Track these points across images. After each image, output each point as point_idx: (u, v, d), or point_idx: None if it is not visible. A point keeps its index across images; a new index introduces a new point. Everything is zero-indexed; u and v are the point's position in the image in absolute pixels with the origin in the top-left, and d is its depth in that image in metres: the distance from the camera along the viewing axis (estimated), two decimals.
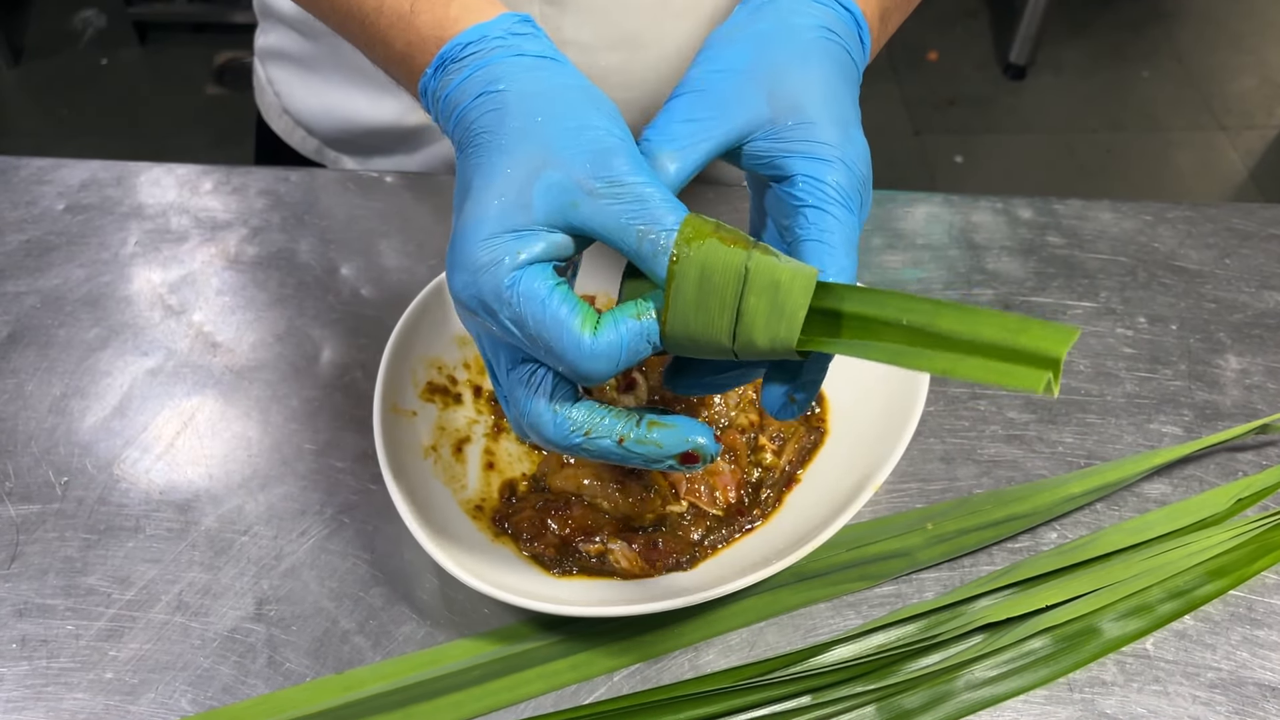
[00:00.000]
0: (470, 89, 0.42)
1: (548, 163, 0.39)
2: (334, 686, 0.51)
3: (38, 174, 0.75)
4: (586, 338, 0.38)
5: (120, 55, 2.32)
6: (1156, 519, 0.58)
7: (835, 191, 0.42)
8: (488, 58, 0.42)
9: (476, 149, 0.41)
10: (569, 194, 0.38)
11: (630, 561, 0.53)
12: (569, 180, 0.38)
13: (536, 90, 0.41)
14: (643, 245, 0.38)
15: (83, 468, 0.59)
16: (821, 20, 0.46)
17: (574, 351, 0.38)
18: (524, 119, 0.40)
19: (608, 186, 0.38)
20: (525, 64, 0.42)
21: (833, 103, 0.44)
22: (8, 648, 0.52)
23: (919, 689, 0.51)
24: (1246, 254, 0.73)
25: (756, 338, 0.38)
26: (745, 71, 0.43)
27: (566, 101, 0.41)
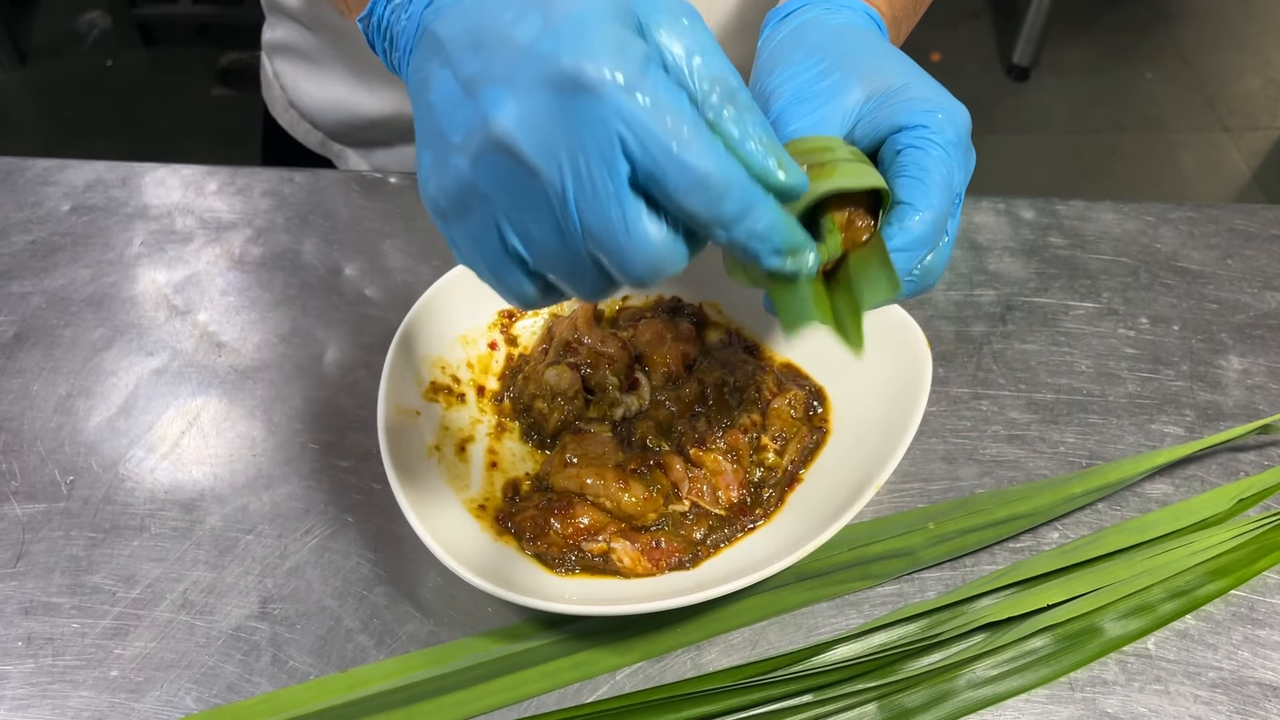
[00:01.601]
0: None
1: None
2: (338, 685, 0.51)
3: (43, 175, 0.76)
4: (719, 145, 0.33)
5: (125, 57, 2.33)
6: (1158, 519, 0.58)
7: (937, 135, 0.42)
8: None
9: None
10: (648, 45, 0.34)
11: (633, 560, 0.53)
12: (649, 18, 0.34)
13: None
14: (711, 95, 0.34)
15: (88, 467, 0.60)
16: (854, 20, 0.48)
17: (710, 155, 0.33)
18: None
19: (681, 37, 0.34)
20: None
21: (915, 71, 0.45)
22: (14, 646, 0.52)
23: (920, 688, 0.51)
24: (1249, 255, 0.73)
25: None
26: (826, 69, 0.45)
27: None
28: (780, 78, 0.46)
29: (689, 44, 0.34)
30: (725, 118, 0.34)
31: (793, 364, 0.62)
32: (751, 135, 0.34)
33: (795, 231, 0.36)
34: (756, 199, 0.34)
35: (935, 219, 0.42)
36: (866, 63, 0.45)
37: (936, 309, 0.69)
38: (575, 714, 0.50)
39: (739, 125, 0.34)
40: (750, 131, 0.34)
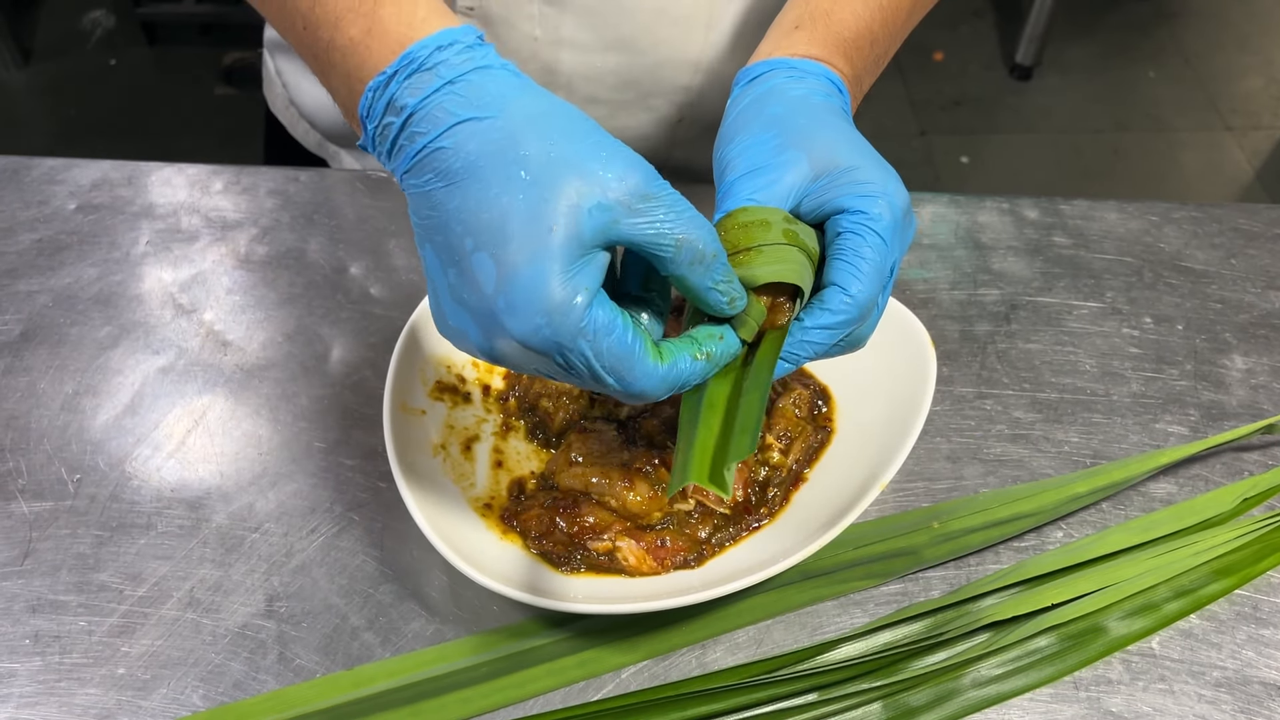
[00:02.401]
0: (451, 108, 0.39)
1: (584, 184, 0.38)
2: (343, 683, 0.51)
3: (49, 174, 0.76)
4: (656, 367, 0.40)
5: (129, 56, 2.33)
6: (1162, 518, 0.58)
7: (876, 222, 0.45)
8: (459, 70, 0.40)
9: (490, 179, 0.38)
10: (610, 213, 0.38)
11: (638, 559, 0.53)
12: (607, 199, 0.38)
13: (538, 111, 0.40)
14: (680, 254, 0.40)
15: (95, 465, 0.60)
16: (816, 89, 0.50)
17: (645, 379, 0.40)
18: (541, 144, 0.39)
19: (642, 201, 0.39)
20: (506, 80, 0.40)
21: (864, 151, 0.47)
22: (21, 644, 0.52)
23: (925, 687, 0.51)
24: (1252, 254, 0.73)
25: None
26: (781, 145, 0.47)
27: (571, 119, 0.40)
28: (737, 149, 0.48)
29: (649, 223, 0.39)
30: (692, 273, 0.41)
31: None
32: (715, 280, 0.42)
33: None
34: (690, 376, 0.42)
35: (863, 303, 0.45)
36: (819, 140, 0.47)
37: (941, 308, 0.69)
38: (580, 712, 0.50)
39: (703, 278, 0.41)
40: (715, 279, 0.42)
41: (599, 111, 0.74)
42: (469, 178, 0.39)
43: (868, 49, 0.55)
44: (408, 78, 0.40)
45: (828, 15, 0.53)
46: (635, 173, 0.39)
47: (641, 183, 0.39)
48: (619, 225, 0.39)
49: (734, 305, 0.43)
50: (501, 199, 0.38)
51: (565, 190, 0.38)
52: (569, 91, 0.72)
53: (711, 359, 0.43)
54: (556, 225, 0.38)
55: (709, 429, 0.43)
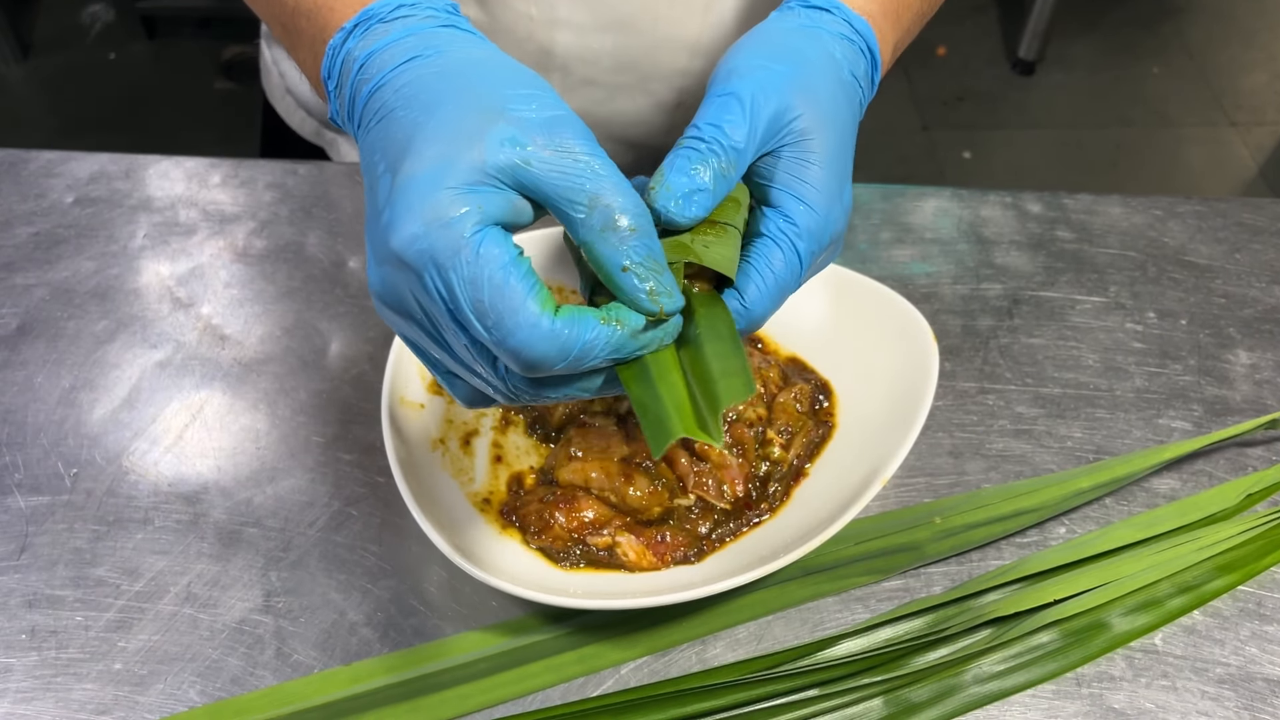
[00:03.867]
0: (399, 53, 0.39)
1: (501, 118, 0.36)
2: (342, 678, 0.51)
3: (47, 167, 0.75)
4: (545, 318, 0.36)
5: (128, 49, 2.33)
6: (1165, 514, 0.58)
7: (795, 236, 0.42)
8: (421, 24, 0.39)
9: (412, 108, 0.37)
10: (522, 149, 0.36)
11: (638, 554, 0.53)
12: (523, 137, 0.36)
13: (480, 58, 0.39)
14: (592, 215, 0.36)
15: (92, 459, 0.59)
16: (850, 64, 0.46)
17: (527, 330, 0.35)
18: (470, 81, 0.38)
19: (560, 147, 0.36)
20: (462, 36, 0.40)
21: (839, 155, 0.43)
22: (17, 638, 0.52)
23: (926, 683, 0.51)
24: (1257, 249, 0.73)
25: None
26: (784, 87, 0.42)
27: (513, 70, 0.39)
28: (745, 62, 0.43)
29: (562, 172, 0.36)
30: (603, 241, 0.36)
31: (798, 358, 0.62)
32: (631, 260, 0.37)
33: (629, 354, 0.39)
34: (592, 344, 0.37)
35: (755, 318, 0.42)
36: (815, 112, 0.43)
37: (943, 303, 0.68)
38: (580, 708, 0.50)
39: (615, 250, 0.37)
40: (631, 258, 0.37)
41: (596, 94, 0.73)
42: (396, 108, 0.38)
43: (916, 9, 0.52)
44: (365, 31, 0.40)
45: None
46: (564, 125, 0.37)
47: (567, 135, 0.37)
48: (530, 167, 0.36)
49: (655, 301, 0.37)
50: (413, 122, 0.37)
51: (479, 118, 0.36)
52: (565, 73, 0.71)
53: (625, 326, 0.37)
54: (459, 144, 0.36)
55: (672, 386, 0.38)
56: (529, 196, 0.37)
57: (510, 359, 0.36)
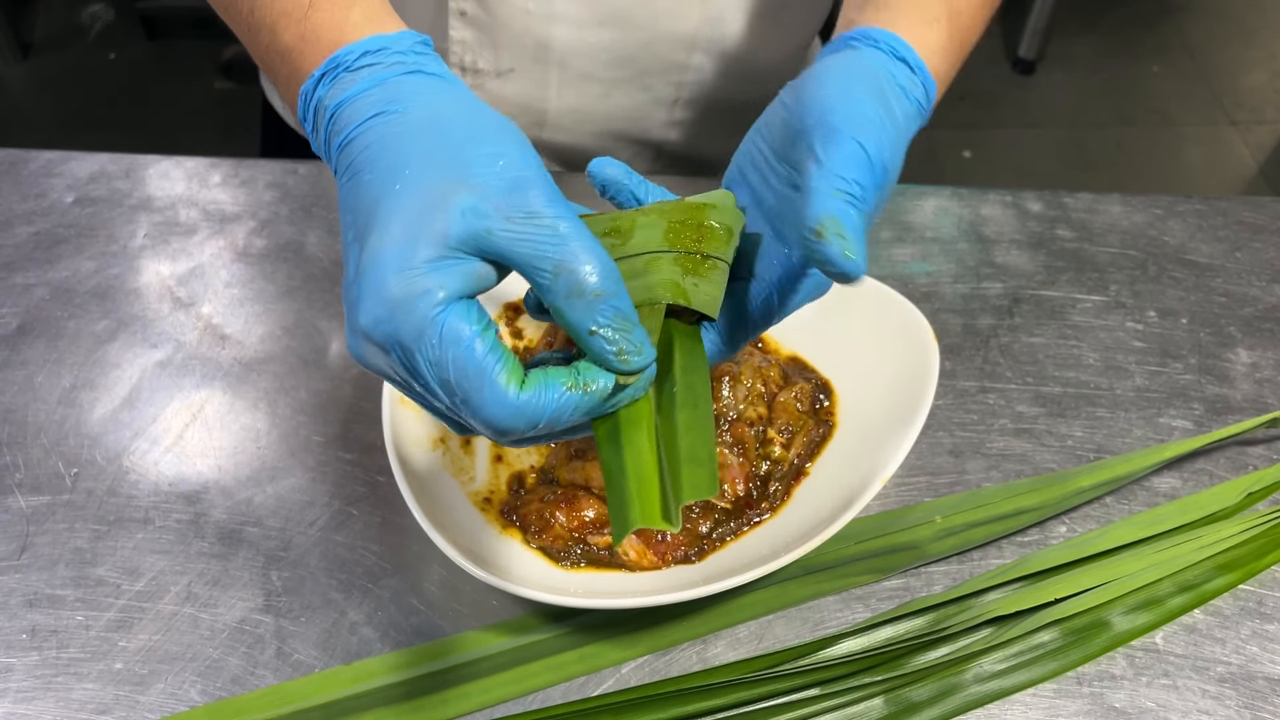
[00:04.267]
0: (365, 107, 0.39)
1: (463, 186, 0.36)
2: (342, 678, 0.51)
3: (47, 166, 0.75)
4: (511, 392, 0.36)
5: (128, 50, 2.33)
6: (1166, 513, 0.58)
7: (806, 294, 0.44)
8: (386, 73, 0.39)
9: (377, 171, 0.38)
10: (485, 219, 0.36)
11: (638, 554, 0.53)
12: (485, 206, 0.36)
13: (444, 112, 0.38)
14: (557, 282, 0.36)
15: (92, 459, 0.59)
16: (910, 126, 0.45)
17: (494, 406, 0.35)
18: (433, 141, 0.37)
19: (525, 217, 0.36)
20: (429, 83, 0.39)
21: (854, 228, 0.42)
22: (18, 638, 0.52)
23: (927, 682, 0.51)
24: (1257, 248, 0.73)
25: None
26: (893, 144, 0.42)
27: (478, 125, 0.38)
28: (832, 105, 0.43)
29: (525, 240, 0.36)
30: (569, 307, 0.36)
31: (799, 357, 0.62)
32: (598, 324, 0.37)
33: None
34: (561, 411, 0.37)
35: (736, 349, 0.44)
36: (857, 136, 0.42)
37: (944, 302, 0.68)
38: (581, 708, 0.50)
39: (583, 315, 0.36)
40: (599, 321, 0.37)
41: (594, 89, 0.73)
42: (363, 169, 0.38)
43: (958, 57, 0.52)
44: (334, 80, 0.40)
45: (956, 9, 0.49)
46: (528, 187, 0.36)
47: (531, 197, 0.36)
48: (494, 235, 0.36)
49: (625, 360, 0.37)
50: (378, 188, 0.37)
51: (441, 187, 0.36)
52: (563, 68, 0.71)
53: (592, 392, 0.37)
54: (422, 218, 0.36)
55: (639, 455, 0.38)
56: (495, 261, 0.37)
57: (482, 429, 0.37)
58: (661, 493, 0.37)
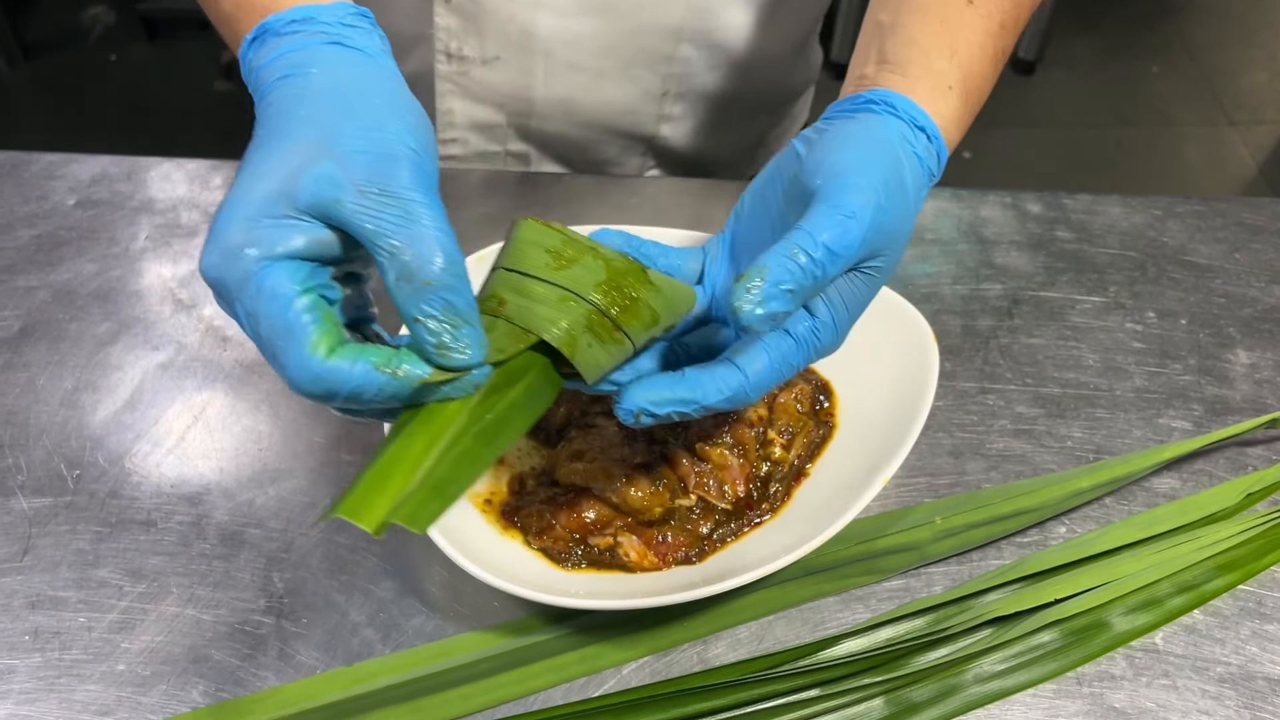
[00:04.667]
0: (279, 68, 0.40)
1: (326, 153, 0.37)
2: (344, 679, 0.51)
3: (48, 169, 0.76)
4: (316, 357, 0.36)
5: (129, 51, 2.33)
6: (1165, 513, 0.58)
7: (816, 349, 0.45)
8: (307, 40, 0.40)
9: (266, 129, 0.39)
10: (337, 189, 0.36)
11: (639, 555, 0.53)
12: (341, 176, 0.36)
13: (342, 84, 0.39)
14: (392, 262, 0.36)
15: (94, 461, 0.60)
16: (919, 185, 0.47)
17: (296, 367, 0.36)
18: (318, 107, 0.38)
19: (378, 193, 0.36)
20: (344, 56, 0.40)
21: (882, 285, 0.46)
22: (20, 640, 0.52)
23: (927, 682, 0.51)
24: (1256, 248, 0.73)
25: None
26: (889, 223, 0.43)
27: (368, 100, 0.39)
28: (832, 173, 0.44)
29: (371, 215, 0.36)
30: (398, 289, 0.37)
31: None
32: (423, 313, 0.37)
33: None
34: (363, 389, 0.37)
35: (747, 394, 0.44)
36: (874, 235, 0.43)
37: (943, 303, 0.69)
38: (582, 708, 0.50)
39: (409, 301, 0.37)
40: (424, 310, 0.37)
41: (580, 80, 0.72)
42: (259, 126, 0.39)
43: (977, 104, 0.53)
44: (261, 44, 0.41)
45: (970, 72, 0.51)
46: (391, 164, 0.37)
47: (390, 174, 0.37)
48: (342, 205, 0.36)
49: (443, 355, 0.37)
50: (259, 143, 0.38)
51: (306, 150, 0.37)
52: (548, 57, 0.71)
53: (401, 378, 0.37)
54: (274, 176, 0.37)
55: (402, 456, 0.37)
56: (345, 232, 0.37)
57: (291, 387, 0.37)
58: (392, 498, 0.36)
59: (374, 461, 0.37)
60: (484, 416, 0.39)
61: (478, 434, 0.39)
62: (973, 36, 0.51)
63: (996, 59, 0.53)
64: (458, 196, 0.74)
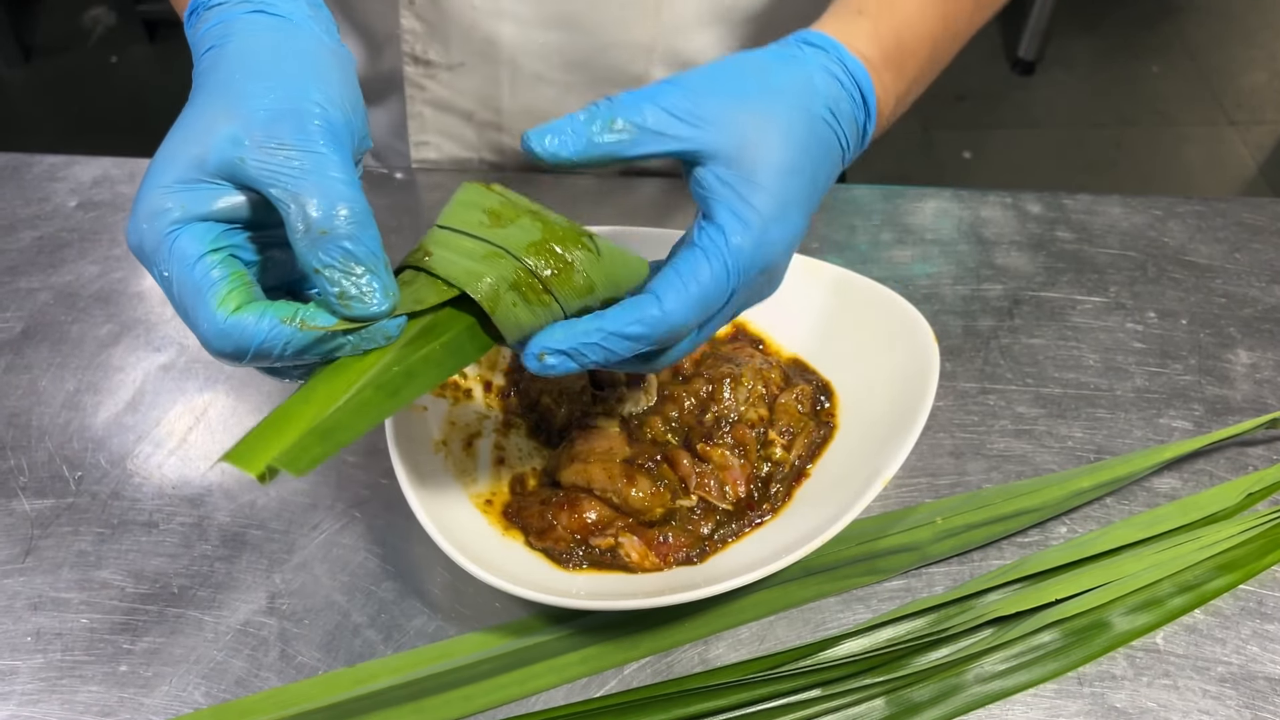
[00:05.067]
0: (207, 39, 0.40)
1: (229, 115, 0.37)
2: (345, 680, 0.51)
3: (50, 171, 0.76)
4: (220, 314, 0.37)
5: (130, 53, 2.33)
6: (1166, 513, 0.58)
7: (730, 252, 0.41)
8: (231, 12, 0.41)
9: (190, 101, 0.40)
10: (239, 149, 0.37)
11: (640, 555, 0.53)
12: (243, 135, 0.37)
13: (256, 48, 0.40)
14: (290, 215, 0.37)
15: (96, 463, 0.60)
16: (830, 100, 0.45)
17: (205, 324, 0.37)
18: (228, 73, 0.39)
19: (277, 147, 0.37)
20: (262, 22, 0.40)
21: (789, 183, 0.42)
22: (23, 641, 0.52)
23: (928, 682, 0.51)
24: (1257, 248, 0.73)
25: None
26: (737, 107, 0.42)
27: (276, 62, 0.39)
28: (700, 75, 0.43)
29: (270, 170, 0.37)
30: (297, 241, 0.37)
31: (800, 359, 0.62)
32: (322, 262, 0.37)
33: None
34: (270, 343, 0.37)
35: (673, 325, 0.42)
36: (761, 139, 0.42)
37: (944, 303, 0.69)
38: (583, 709, 0.50)
39: (307, 251, 0.37)
40: (322, 260, 0.37)
41: (548, 92, 0.71)
42: (189, 99, 0.40)
43: (926, 58, 0.51)
44: (196, 19, 0.42)
45: (893, 6, 0.49)
46: (289, 119, 0.37)
47: (288, 129, 0.37)
48: (246, 164, 0.37)
49: (346, 305, 0.37)
50: (183, 111, 0.39)
51: (212, 114, 0.38)
52: (514, 68, 0.70)
53: (308, 330, 0.37)
54: (187, 143, 0.38)
55: (304, 404, 0.37)
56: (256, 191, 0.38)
57: (205, 348, 0.38)
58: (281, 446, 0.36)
59: (278, 410, 0.37)
60: (392, 369, 0.39)
61: (381, 385, 0.38)
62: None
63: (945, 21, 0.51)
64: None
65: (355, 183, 0.38)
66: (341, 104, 0.39)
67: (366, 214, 0.37)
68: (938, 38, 0.51)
